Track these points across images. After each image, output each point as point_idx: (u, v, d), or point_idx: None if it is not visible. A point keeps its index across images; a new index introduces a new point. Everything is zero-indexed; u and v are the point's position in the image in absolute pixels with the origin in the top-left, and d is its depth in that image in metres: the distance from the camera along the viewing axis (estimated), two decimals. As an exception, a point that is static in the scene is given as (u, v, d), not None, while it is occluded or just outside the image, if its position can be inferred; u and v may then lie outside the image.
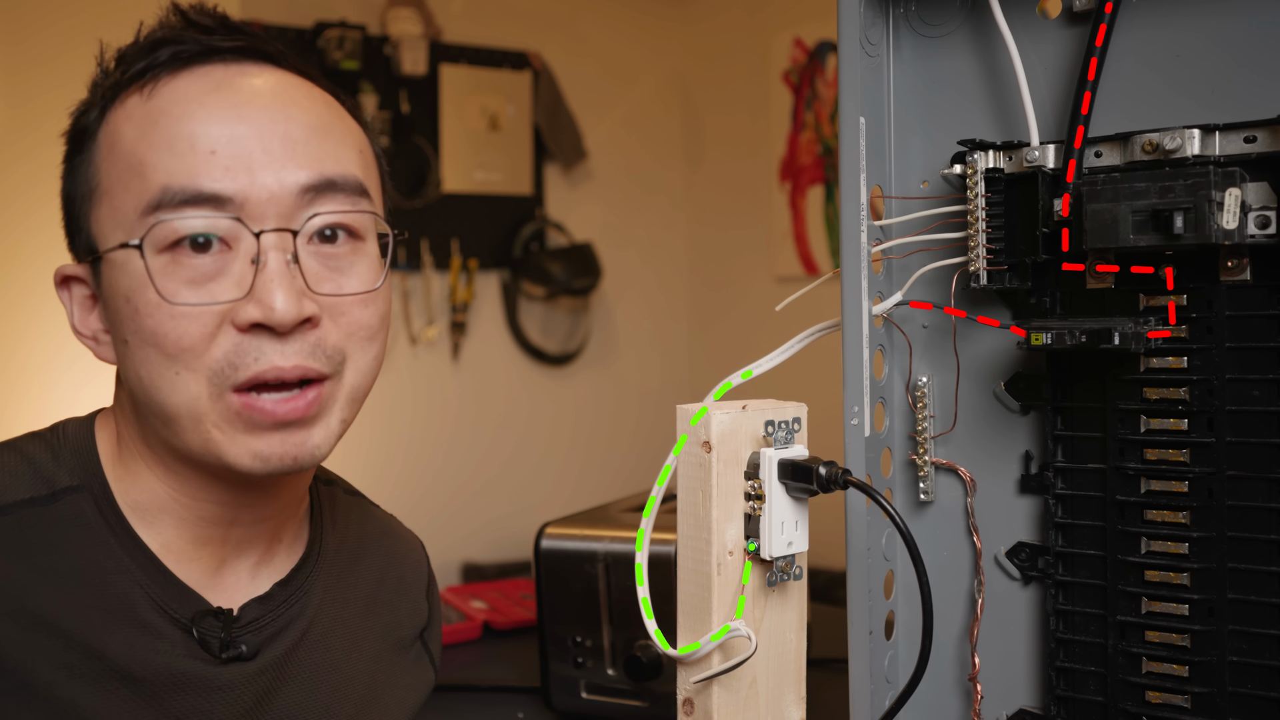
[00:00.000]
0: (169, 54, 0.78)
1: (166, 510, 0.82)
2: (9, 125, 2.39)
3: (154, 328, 0.75)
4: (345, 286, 0.80)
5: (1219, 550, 0.80)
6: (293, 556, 0.91)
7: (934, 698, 0.93)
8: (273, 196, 0.76)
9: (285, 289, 0.75)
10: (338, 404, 0.81)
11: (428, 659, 1.04)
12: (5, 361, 2.44)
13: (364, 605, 0.96)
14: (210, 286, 0.75)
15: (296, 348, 0.76)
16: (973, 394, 0.90)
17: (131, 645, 0.78)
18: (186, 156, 0.75)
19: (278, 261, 0.76)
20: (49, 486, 0.80)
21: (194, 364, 0.75)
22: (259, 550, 0.87)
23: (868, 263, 0.87)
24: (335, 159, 0.80)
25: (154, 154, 0.76)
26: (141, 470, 0.82)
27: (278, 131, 0.77)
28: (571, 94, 3.30)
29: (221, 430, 0.77)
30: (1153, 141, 0.79)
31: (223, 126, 0.76)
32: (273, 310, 0.74)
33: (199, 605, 0.82)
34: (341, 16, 2.89)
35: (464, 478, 3.18)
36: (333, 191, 0.79)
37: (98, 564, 0.79)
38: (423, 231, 3.09)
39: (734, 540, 0.75)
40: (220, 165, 0.75)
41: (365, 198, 0.82)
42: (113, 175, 0.78)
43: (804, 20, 3.21)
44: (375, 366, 0.84)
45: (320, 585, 0.91)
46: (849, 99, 0.85)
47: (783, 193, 3.28)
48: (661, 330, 3.59)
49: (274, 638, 0.86)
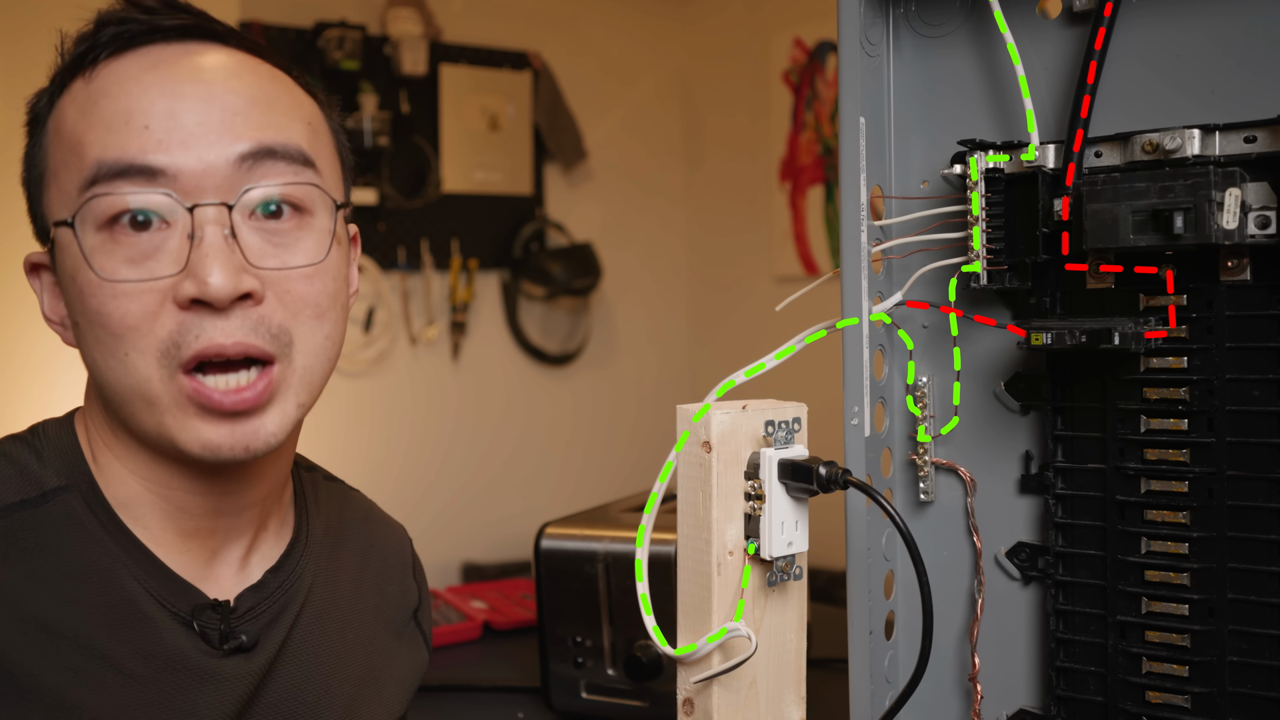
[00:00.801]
0: (110, 34, 0.78)
1: (146, 504, 0.81)
2: (9, 125, 2.39)
3: (98, 307, 0.75)
4: (289, 261, 0.78)
5: (1219, 550, 0.80)
6: (280, 543, 0.90)
7: (934, 698, 0.93)
8: (208, 169, 0.75)
9: (222, 264, 0.74)
10: (291, 388, 0.79)
11: (421, 639, 1.04)
12: (5, 362, 2.44)
13: (353, 588, 0.96)
14: (149, 264, 0.75)
15: (238, 324, 0.75)
16: (973, 394, 0.90)
17: (135, 641, 0.78)
18: (120, 132, 0.75)
19: (215, 236, 0.75)
20: (38, 488, 0.79)
21: (141, 344, 0.75)
22: (246, 539, 0.87)
23: (868, 263, 0.87)
24: (276, 128, 0.78)
25: (92, 132, 0.76)
26: (114, 465, 0.81)
27: (215, 104, 0.76)
28: (571, 94, 3.30)
29: (174, 415, 0.76)
30: (1153, 141, 0.79)
31: (159, 102, 0.75)
32: (207, 285, 0.73)
33: (197, 599, 0.81)
34: (341, 16, 2.89)
35: (464, 478, 3.18)
36: (272, 160, 0.77)
37: (95, 563, 0.78)
38: (423, 231, 3.09)
39: (734, 540, 0.75)
40: (154, 139, 0.75)
41: (310, 168, 0.80)
42: (57, 157, 0.78)
43: (804, 20, 3.21)
44: (329, 348, 0.82)
45: (310, 570, 0.91)
46: (849, 99, 0.85)
47: (783, 193, 3.28)
48: (661, 330, 3.59)
49: (270, 625, 0.86)
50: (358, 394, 3.00)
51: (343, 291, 0.83)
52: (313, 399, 0.82)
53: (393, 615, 1.00)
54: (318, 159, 0.81)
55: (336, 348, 0.83)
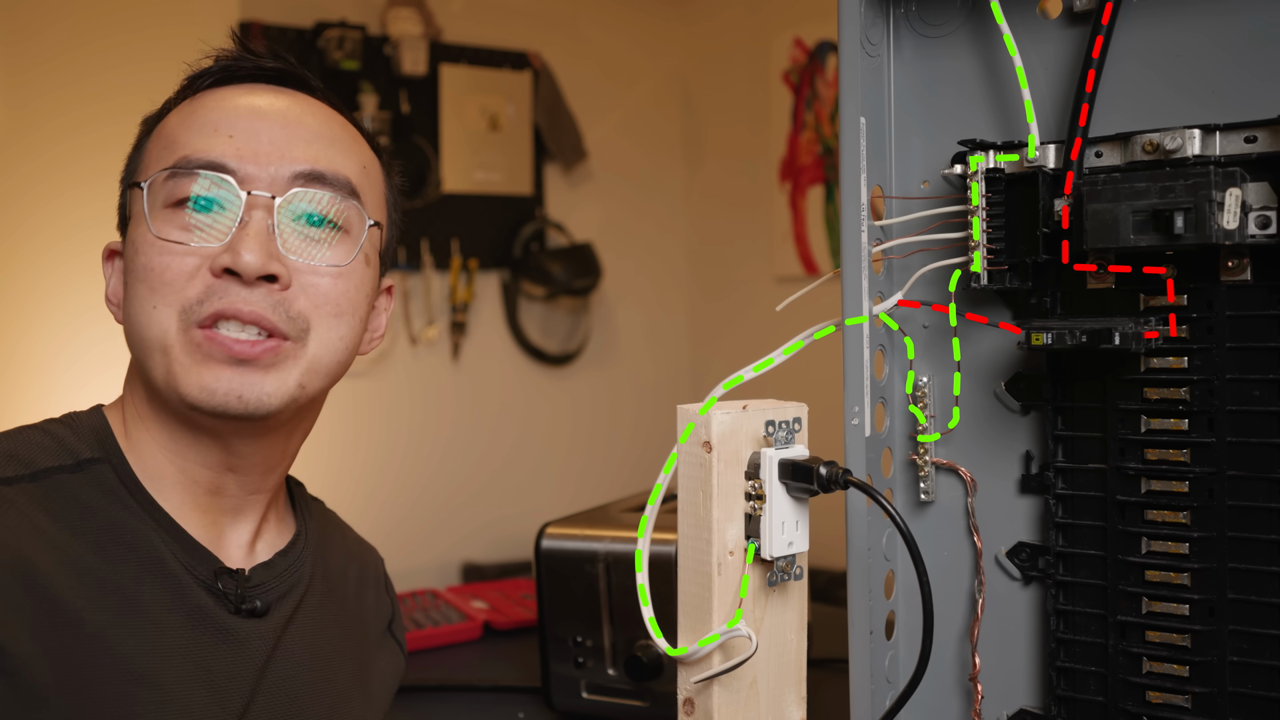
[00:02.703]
0: (220, 68, 0.93)
1: (166, 476, 0.89)
2: (10, 126, 2.39)
3: (145, 262, 0.86)
4: (317, 259, 0.88)
5: (1219, 550, 0.80)
6: (284, 535, 0.99)
7: (934, 698, 0.93)
8: (270, 179, 0.87)
9: (258, 244, 0.84)
10: (297, 365, 0.87)
11: (397, 645, 1.12)
12: (5, 362, 2.44)
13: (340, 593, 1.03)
14: (199, 234, 0.86)
15: (260, 297, 0.85)
16: (973, 394, 0.90)
17: (164, 594, 0.85)
18: (210, 136, 0.88)
19: (260, 223, 0.86)
20: (74, 457, 0.87)
21: (170, 298, 0.84)
22: (251, 522, 0.94)
23: (868, 263, 0.87)
24: (329, 160, 0.90)
25: (186, 133, 0.89)
26: (145, 438, 0.89)
27: (288, 132, 0.89)
28: (571, 94, 3.30)
29: (181, 363, 0.84)
30: (1153, 142, 0.79)
31: (244, 119, 0.89)
32: (240, 257, 0.83)
33: (215, 564, 0.89)
34: (341, 16, 2.89)
35: (464, 478, 3.18)
36: (321, 184, 0.89)
37: (127, 525, 0.86)
38: (423, 231, 3.08)
39: (734, 540, 0.75)
40: (233, 146, 0.87)
41: (354, 198, 0.91)
42: (152, 153, 0.91)
43: (804, 20, 3.21)
44: (341, 348, 0.90)
45: (310, 563, 0.99)
46: (849, 99, 0.85)
47: (783, 193, 3.28)
48: (661, 330, 3.58)
49: (279, 601, 0.93)
50: (358, 394, 3.00)
51: (362, 305, 0.92)
52: (317, 389, 0.90)
53: (371, 625, 1.08)
54: (364, 195, 0.93)
55: (349, 352, 0.92)
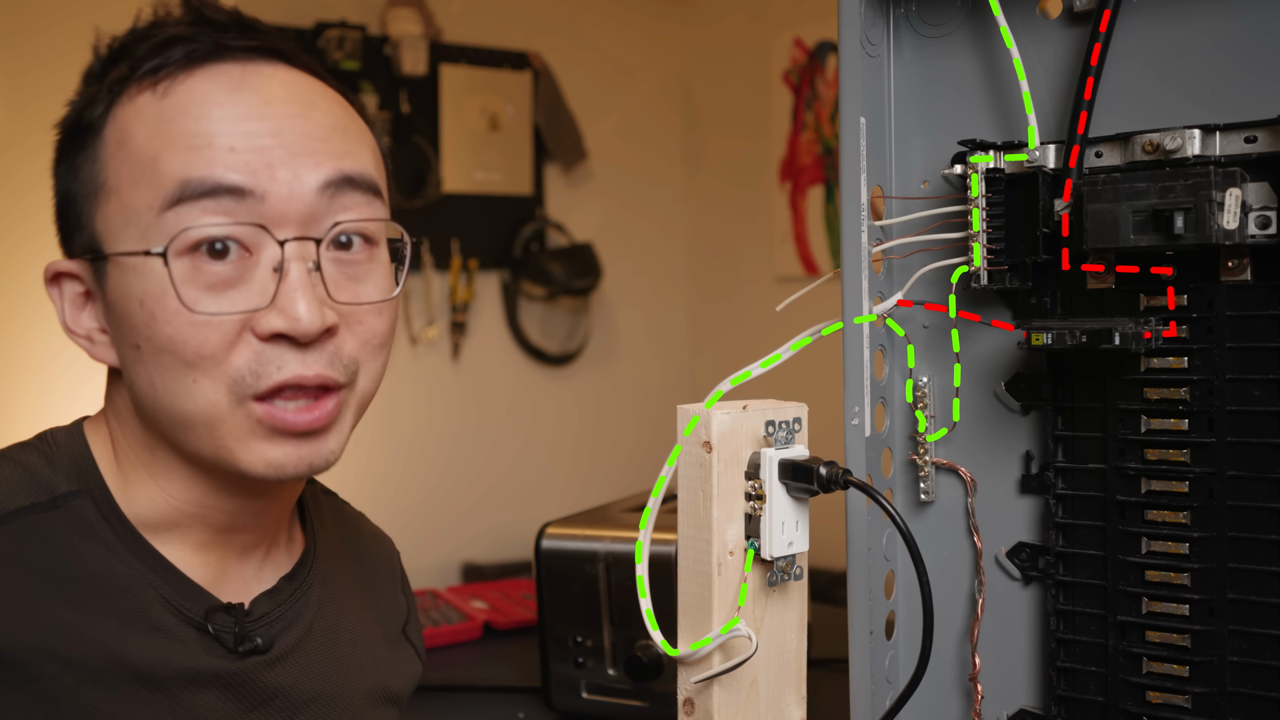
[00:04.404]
0: (182, 52, 0.77)
1: (166, 520, 0.81)
2: (10, 128, 2.39)
3: (172, 335, 0.74)
4: (362, 295, 0.80)
5: (1219, 550, 0.80)
6: (291, 555, 0.91)
7: (934, 698, 0.93)
8: (292, 194, 0.76)
9: (308, 299, 0.75)
10: (350, 409, 0.82)
11: (413, 651, 1.05)
12: (5, 362, 2.44)
13: (354, 600, 0.97)
14: (230, 294, 0.75)
15: (316, 357, 0.76)
16: (973, 394, 0.90)
17: (148, 648, 0.78)
18: (205, 151, 0.74)
19: (300, 270, 0.75)
20: (49, 492, 0.79)
21: (213, 371, 0.75)
22: (261, 552, 0.88)
23: (868, 263, 0.87)
24: (353, 157, 0.80)
25: (169, 150, 0.75)
26: (142, 479, 0.81)
27: (296, 128, 0.77)
28: (571, 94, 3.30)
29: (238, 438, 0.76)
30: (1153, 142, 0.79)
31: (242, 124, 0.76)
32: (299, 321, 0.74)
33: (209, 602, 0.81)
34: (341, 16, 2.89)
35: (464, 478, 3.17)
36: (350, 190, 0.79)
37: (108, 569, 0.78)
38: (423, 231, 3.08)
39: (734, 540, 0.75)
40: (240, 160, 0.75)
41: (380, 199, 0.82)
42: (121, 172, 0.76)
43: (804, 20, 3.21)
44: (382, 372, 0.84)
45: (319, 581, 0.92)
46: (849, 99, 0.85)
47: (783, 193, 3.28)
48: (662, 330, 3.58)
49: (284, 631, 0.86)
50: (358, 394, 3.00)
51: (396, 319, 0.85)
52: (361, 417, 0.84)
53: (388, 627, 1.02)
54: (382, 188, 0.84)
55: (385, 370, 0.85)
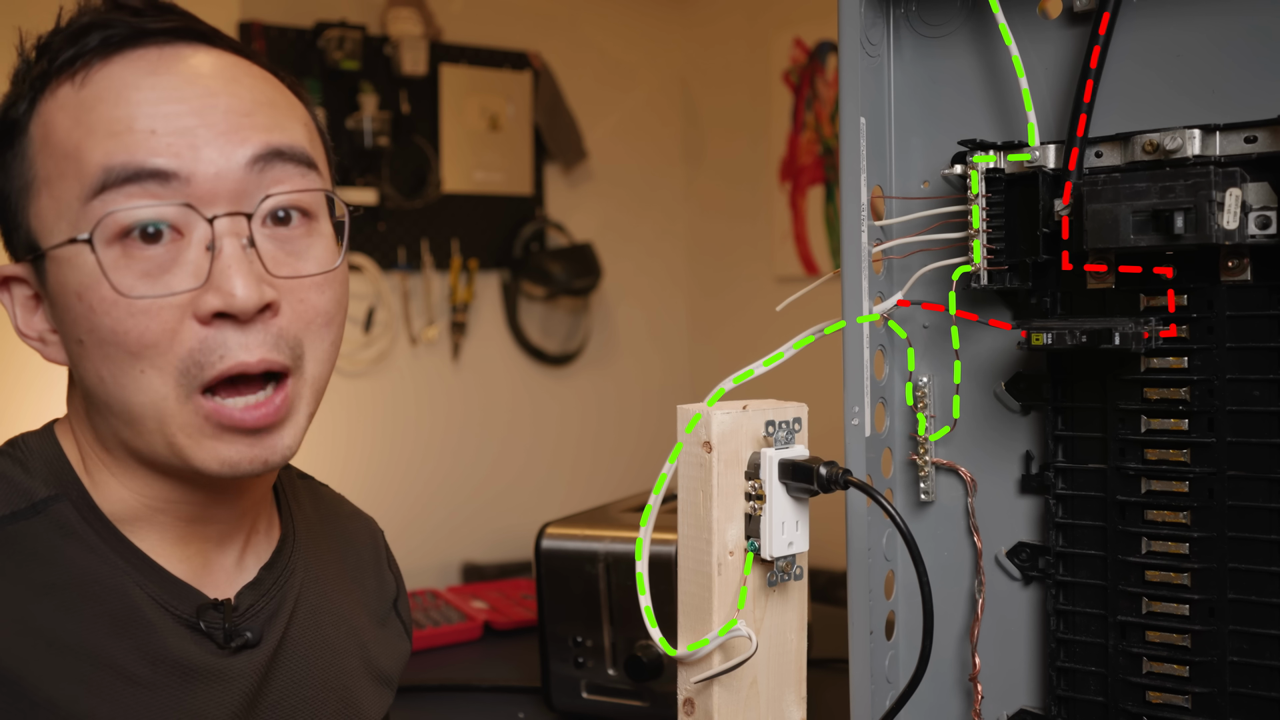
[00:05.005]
0: (99, 39, 0.75)
1: (140, 517, 0.80)
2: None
3: (112, 325, 0.73)
4: (302, 269, 0.78)
5: (1219, 550, 0.80)
6: (271, 540, 0.91)
7: (934, 698, 0.93)
8: (220, 173, 0.74)
9: (244, 274, 0.73)
10: (303, 399, 0.79)
11: (402, 628, 1.04)
12: (5, 363, 2.43)
13: (337, 582, 0.97)
14: (165, 278, 0.73)
15: (259, 338, 0.75)
16: (973, 394, 0.90)
17: (141, 648, 0.77)
18: (125, 136, 0.73)
19: (234, 247, 0.74)
20: (28, 499, 0.78)
21: (159, 361, 0.73)
22: (241, 541, 0.87)
23: (868, 263, 0.87)
24: (281, 130, 0.78)
25: (90, 138, 0.73)
26: (107, 479, 0.80)
27: (219, 106, 0.75)
28: (571, 94, 3.30)
29: (188, 434, 0.75)
30: (1153, 142, 0.78)
31: (162, 106, 0.74)
32: (234, 297, 0.72)
33: (198, 599, 0.81)
34: (341, 16, 2.89)
35: (464, 479, 3.18)
36: (281, 162, 0.77)
37: (94, 572, 0.77)
38: (423, 231, 3.08)
39: (734, 540, 0.75)
40: (162, 143, 0.73)
41: (314, 171, 0.80)
42: (49, 165, 0.75)
43: (804, 20, 3.21)
44: (333, 354, 0.82)
45: (300, 565, 0.91)
46: (849, 99, 0.85)
47: (783, 193, 3.28)
48: (662, 330, 3.58)
49: (270, 620, 0.86)
50: (358, 394, 3.00)
51: (346, 295, 0.83)
52: (318, 405, 0.82)
53: (374, 607, 1.01)
54: (317, 160, 0.81)
55: (337, 352, 0.83)
